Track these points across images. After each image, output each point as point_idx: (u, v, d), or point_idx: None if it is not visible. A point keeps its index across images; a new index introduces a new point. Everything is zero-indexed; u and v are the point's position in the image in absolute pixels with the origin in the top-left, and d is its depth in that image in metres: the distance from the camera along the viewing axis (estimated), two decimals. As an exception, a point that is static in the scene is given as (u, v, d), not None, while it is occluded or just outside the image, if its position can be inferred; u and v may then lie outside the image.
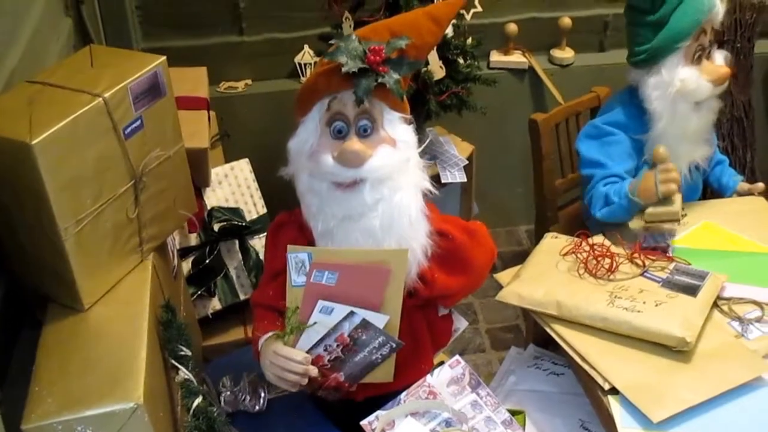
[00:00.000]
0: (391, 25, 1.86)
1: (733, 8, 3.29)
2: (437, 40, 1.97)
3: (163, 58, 1.84)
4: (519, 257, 2.33)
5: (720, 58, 2.44)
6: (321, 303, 1.78)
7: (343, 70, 1.72)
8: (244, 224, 2.63)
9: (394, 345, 1.83)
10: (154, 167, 1.86)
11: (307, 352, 1.81)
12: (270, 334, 1.86)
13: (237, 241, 2.64)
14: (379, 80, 1.74)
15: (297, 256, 1.76)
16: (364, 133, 1.79)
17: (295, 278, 1.78)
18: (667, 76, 2.36)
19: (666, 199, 2.24)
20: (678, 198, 2.25)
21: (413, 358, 1.98)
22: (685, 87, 2.35)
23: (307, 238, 1.88)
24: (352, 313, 1.78)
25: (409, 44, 1.78)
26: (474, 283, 2.05)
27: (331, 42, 1.79)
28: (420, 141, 1.91)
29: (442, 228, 1.91)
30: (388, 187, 1.79)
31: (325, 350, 1.81)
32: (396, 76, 1.76)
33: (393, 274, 1.77)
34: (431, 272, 1.89)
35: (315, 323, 1.79)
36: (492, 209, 3.64)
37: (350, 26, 2.70)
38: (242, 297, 2.63)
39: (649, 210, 2.26)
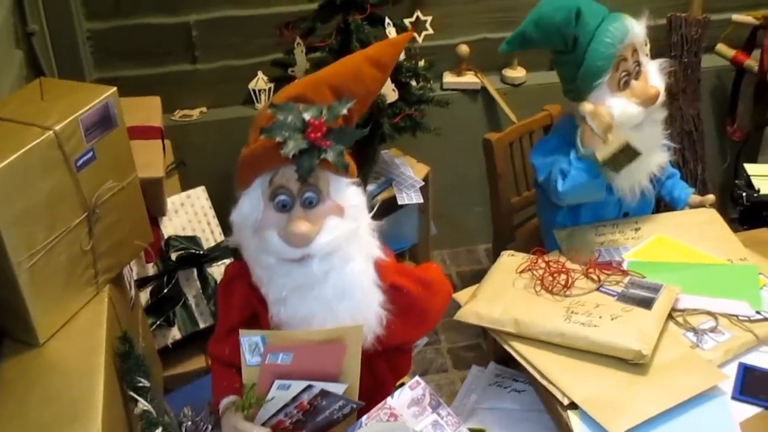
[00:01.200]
0: (331, 80, 1.77)
1: (679, 25, 3.35)
2: (381, 85, 1.90)
3: (114, 89, 1.84)
4: (479, 276, 2.34)
5: (653, 70, 2.43)
6: (278, 381, 1.74)
7: (283, 153, 1.64)
8: (201, 252, 2.62)
9: (354, 405, 1.81)
10: (107, 198, 1.85)
11: (268, 419, 1.77)
12: (230, 399, 1.84)
13: (195, 270, 2.63)
14: (322, 156, 1.67)
15: (250, 339, 1.72)
16: (309, 205, 1.71)
17: (250, 359, 1.73)
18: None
19: (609, 136, 2.30)
20: (618, 133, 2.30)
21: (375, 393, 1.96)
22: (616, 118, 2.35)
23: (259, 296, 1.82)
24: (310, 386, 1.74)
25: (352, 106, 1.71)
26: (432, 326, 2.04)
27: (269, 111, 1.69)
28: (371, 170, 1.86)
29: (397, 283, 1.86)
30: (338, 258, 1.73)
31: (286, 416, 1.79)
32: (339, 147, 1.69)
33: (349, 348, 1.73)
34: (387, 326, 1.83)
35: (273, 398, 1.75)
36: (451, 229, 3.66)
37: (302, 51, 2.71)
38: (202, 325, 2.62)
39: (599, 150, 2.29)
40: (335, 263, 1.73)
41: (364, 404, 1.82)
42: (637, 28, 2.36)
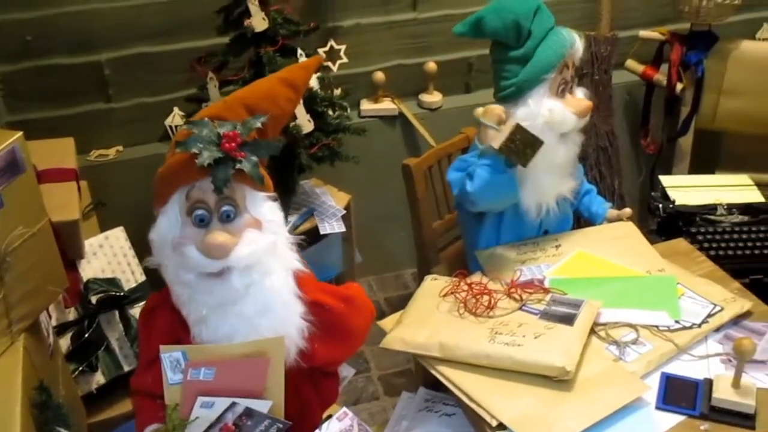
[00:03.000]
0: (245, 99, 1.81)
1: (588, 43, 3.42)
2: (296, 105, 1.95)
3: (20, 133, 1.80)
4: (407, 301, 2.35)
5: (581, 93, 2.52)
6: (201, 399, 1.73)
7: (198, 163, 1.66)
8: (122, 294, 2.58)
9: (281, 425, 1.80)
10: (18, 246, 1.81)
11: None
12: (152, 428, 1.81)
13: (117, 312, 2.58)
14: (237, 167, 1.69)
15: (171, 356, 1.72)
16: (227, 219, 1.74)
17: (172, 377, 1.73)
18: (534, 107, 2.42)
19: (502, 125, 2.34)
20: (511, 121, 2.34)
21: (301, 420, 1.95)
22: (553, 117, 2.41)
23: (180, 319, 1.82)
24: (234, 403, 1.73)
25: (265, 120, 1.74)
26: (355, 346, 2.04)
27: (184, 127, 1.73)
28: (291, 201, 1.88)
29: (319, 299, 1.87)
30: (257, 272, 1.75)
31: None
32: (254, 159, 1.72)
33: (272, 362, 1.73)
34: (311, 344, 1.85)
35: (197, 418, 1.74)
36: (377, 255, 3.66)
37: (215, 86, 2.70)
38: (126, 369, 2.57)
39: (494, 142, 2.30)
40: (255, 277, 1.74)
41: (291, 424, 1.79)
42: (579, 43, 2.46)
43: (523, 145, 2.28)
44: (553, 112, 2.42)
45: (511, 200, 2.46)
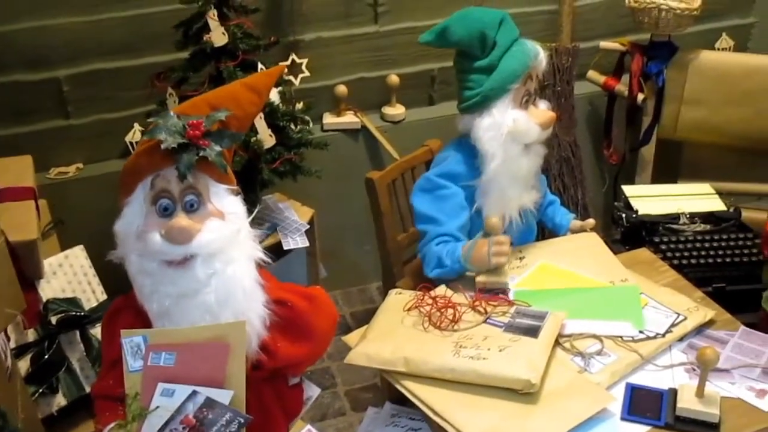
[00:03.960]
0: (210, 99, 1.86)
1: (550, 54, 3.43)
2: (259, 109, 1.99)
3: (-30, 156, 1.78)
4: (373, 315, 2.33)
5: (543, 106, 2.54)
6: (161, 386, 1.73)
7: (163, 146, 1.71)
8: (83, 314, 2.53)
9: (242, 420, 1.78)
10: (-28, 267, 1.78)
11: None
12: (112, 425, 1.79)
13: (78, 332, 2.54)
14: (201, 154, 1.74)
15: (132, 341, 1.72)
16: (191, 209, 1.78)
17: (132, 363, 1.73)
18: (498, 117, 2.43)
19: (497, 269, 2.34)
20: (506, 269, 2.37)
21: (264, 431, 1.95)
22: (517, 127, 2.42)
23: (144, 322, 1.83)
24: (194, 392, 1.73)
25: (230, 116, 1.79)
26: (318, 349, 2.05)
27: (150, 120, 1.77)
28: (254, 216, 1.90)
29: (280, 296, 1.91)
30: (220, 261, 1.78)
31: None
32: (218, 148, 1.77)
33: (233, 348, 1.74)
34: (273, 342, 1.88)
35: (157, 407, 1.73)
36: (342, 270, 3.64)
37: (175, 102, 2.68)
38: (88, 389, 2.52)
39: (480, 278, 2.35)
40: (217, 267, 1.77)
41: (252, 418, 1.78)
42: (543, 55, 2.49)
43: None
44: (518, 122, 2.43)
45: None
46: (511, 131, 2.43)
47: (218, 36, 2.68)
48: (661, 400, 1.97)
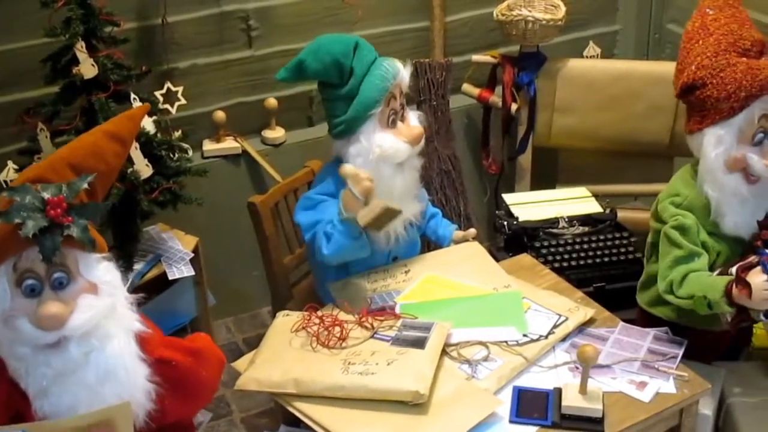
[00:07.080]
0: (69, 158, 1.76)
1: (424, 70, 3.49)
2: (124, 159, 1.91)
3: None
4: (265, 340, 2.32)
5: (414, 119, 2.57)
6: None
7: (23, 234, 1.60)
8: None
9: None
10: None
11: None
12: None
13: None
14: (66, 233, 1.65)
15: None
16: (59, 287, 1.68)
17: None
18: (366, 143, 2.45)
19: (371, 201, 2.31)
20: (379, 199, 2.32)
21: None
22: (384, 151, 2.45)
23: (20, 391, 1.73)
24: None
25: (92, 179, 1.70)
26: (207, 397, 2.01)
27: (4, 195, 1.66)
28: (136, 249, 1.82)
29: (164, 355, 1.83)
30: (96, 338, 1.69)
31: None
32: (83, 222, 1.68)
33: (119, 430, 1.67)
34: (161, 404, 1.80)
35: None
36: (231, 296, 3.61)
37: (46, 137, 2.62)
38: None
39: (360, 215, 2.29)
40: (94, 343, 1.69)
41: None
42: (404, 72, 2.50)
43: (386, 219, 2.31)
44: (383, 147, 2.45)
45: (362, 256, 2.48)
46: (380, 155, 2.45)
47: (88, 68, 2.63)
48: (547, 400, 2.02)
